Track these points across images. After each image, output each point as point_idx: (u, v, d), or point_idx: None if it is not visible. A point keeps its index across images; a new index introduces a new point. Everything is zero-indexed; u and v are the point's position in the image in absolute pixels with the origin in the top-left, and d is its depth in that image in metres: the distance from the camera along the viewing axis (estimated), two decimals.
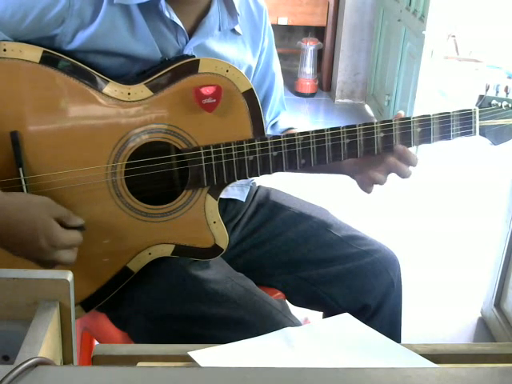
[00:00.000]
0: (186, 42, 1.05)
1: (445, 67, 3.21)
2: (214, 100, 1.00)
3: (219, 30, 1.09)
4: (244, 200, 1.25)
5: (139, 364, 0.73)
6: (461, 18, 3.78)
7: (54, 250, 0.91)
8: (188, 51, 1.05)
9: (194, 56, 1.02)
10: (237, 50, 1.13)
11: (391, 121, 1.07)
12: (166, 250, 1.06)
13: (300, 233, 1.22)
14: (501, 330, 1.93)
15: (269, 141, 1.03)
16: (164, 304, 1.04)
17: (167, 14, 1.00)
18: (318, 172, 1.21)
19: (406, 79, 3.28)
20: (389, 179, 1.10)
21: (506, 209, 1.93)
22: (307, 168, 1.07)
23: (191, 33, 1.06)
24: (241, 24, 1.13)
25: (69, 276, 0.64)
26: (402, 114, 1.09)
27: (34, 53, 0.94)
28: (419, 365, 0.75)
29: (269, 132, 1.26)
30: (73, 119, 0.97)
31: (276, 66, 1.25)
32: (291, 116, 1.31)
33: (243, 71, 1.13)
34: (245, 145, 1.02)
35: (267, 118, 1.26)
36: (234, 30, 1.12)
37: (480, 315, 2.09)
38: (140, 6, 0.99)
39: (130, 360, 0.74)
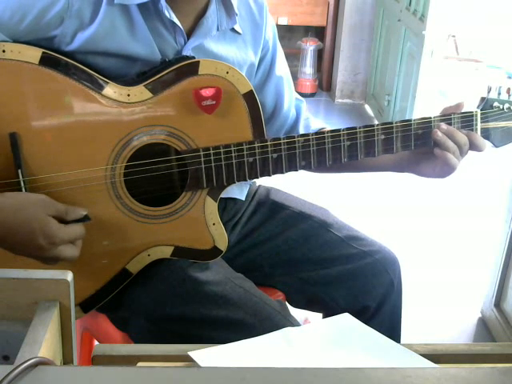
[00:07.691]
0: (185, 43, 1.05)
1: (445, 67, 3.20)
2: (214, 102, 0.99)
3: (217, 30, 1.09)
4: (244, 199, 1.25)
5: (139, 364, 0.73)
6: (461, 18, 3.77)
7: (53, 247, 0.90)
8: (186, 52, 1.05)
9: (193, 57, 1.01)
10: (237, 50, 1.13)
11: (391, 123, 1.07)
12: (165, 252, 1.06)
13: (300, 232, 1.22)
14: (501, 330, 1.93)
15: (269, 143, 1.03)
16: (163, 306, 1.04)
17: (167, 14, 1.00)
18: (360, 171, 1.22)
19: (406, 79, 3.28)
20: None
21: (506, 209, 1.93)
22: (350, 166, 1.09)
23: (189, 33, 1.06)
24: (241, 23, 1.12)
25: (69, 276, 0.64)
26: (463, 104, 1.11)
27: (34, 54, 0.94)
28: (419, 365, 0.75)
29: (301, 131, 1.25)
30: (72, 120, 0.97)
31: (282, 61, 1.24)
32: None
33: (244, 70, 1.12)
34: (244, 147, 1.02)
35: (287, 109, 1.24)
36: (233, 30, 1.12)
37: (480, 315, 2.09)
38: (139, 6, 0.99)
39: (130, 360, 0.74)
